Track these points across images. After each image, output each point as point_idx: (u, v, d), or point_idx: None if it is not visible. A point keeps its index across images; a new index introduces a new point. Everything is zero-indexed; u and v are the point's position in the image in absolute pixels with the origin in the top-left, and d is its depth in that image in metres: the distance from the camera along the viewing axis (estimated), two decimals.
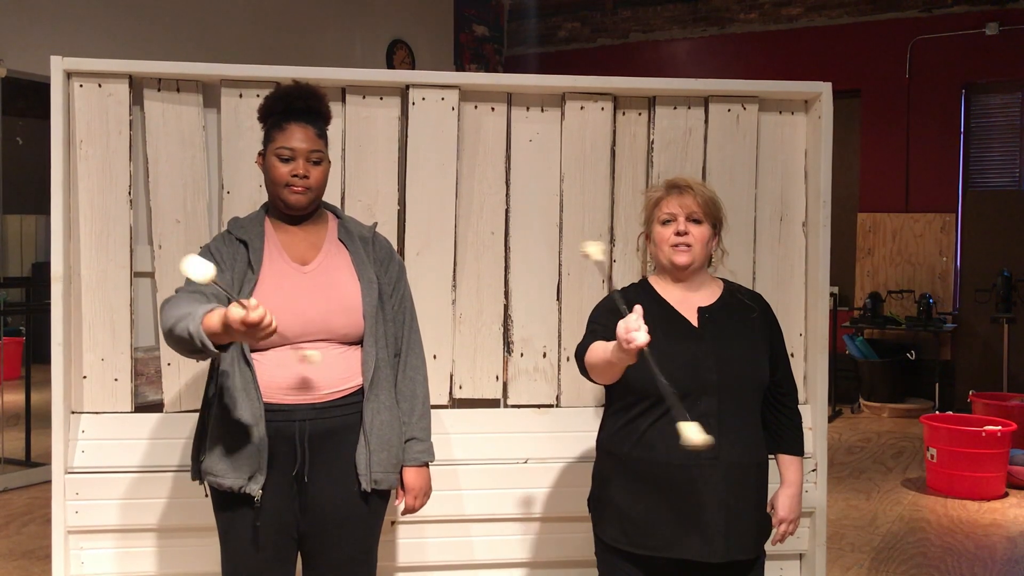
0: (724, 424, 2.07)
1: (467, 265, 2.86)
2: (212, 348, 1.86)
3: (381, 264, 2.24)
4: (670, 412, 2.06)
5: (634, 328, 1.77)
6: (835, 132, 2.90)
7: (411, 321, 2.30)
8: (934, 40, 7.93)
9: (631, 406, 2.12)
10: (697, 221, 2.15)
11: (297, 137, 2.13)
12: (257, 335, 1.80)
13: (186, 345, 1.90)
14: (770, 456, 2.25)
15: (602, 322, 2.13)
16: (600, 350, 2.00)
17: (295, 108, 2.15)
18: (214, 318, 1.84)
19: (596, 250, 1.97)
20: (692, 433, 1.80)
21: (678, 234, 2.14)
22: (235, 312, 1.76)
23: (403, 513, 2.27)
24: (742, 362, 2.13)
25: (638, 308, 1.81)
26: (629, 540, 2.11)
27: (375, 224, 2.36)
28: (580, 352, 2.12)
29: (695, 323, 2.15)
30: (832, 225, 2.89)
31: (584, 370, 2.11)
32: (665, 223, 2.16)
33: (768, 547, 2.22)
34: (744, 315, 2.20)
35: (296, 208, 2.16)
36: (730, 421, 2.09)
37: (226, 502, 2.13)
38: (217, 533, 2.19)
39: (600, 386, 2.63)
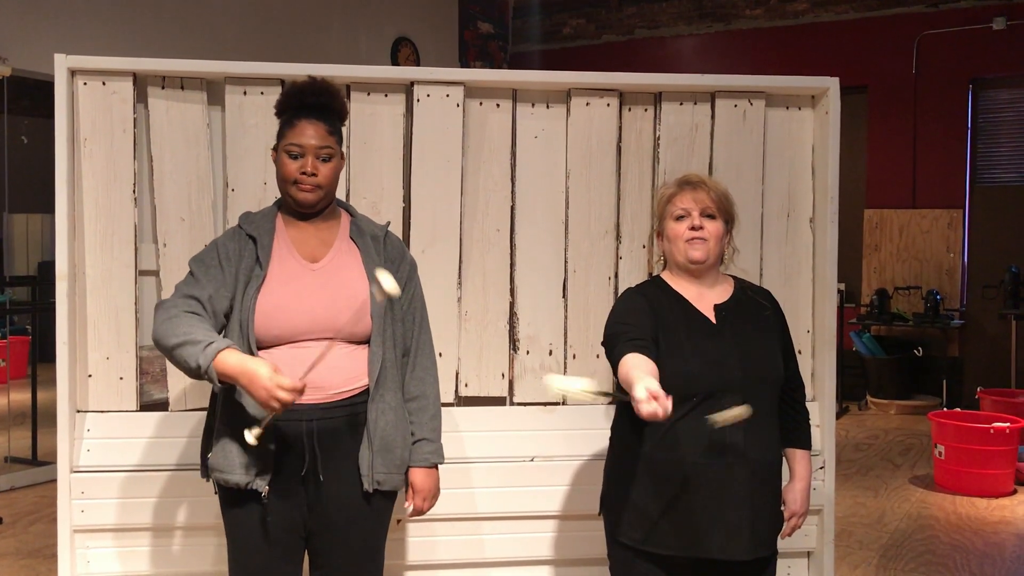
0: (749, 423, 2.06)
1: (473, 262, 2.85)
2: (219, 385, 1.96)
3: (392, 263, 2.23)
4: (693, 411, 2.05)
5: (655, 409, 1.75)
6: (841, 128, 2.88)
7: (422, 321, 2.28)
8: (941, 35, 7.90)
9: None
10: (711, 216, 2.15)
11: (307, 134, 2.12)
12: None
13: (187, 371, 1.99)
14: None
15: (630, 321, 2.10)
16: (632, 372, 1.92)
17: (308, 104, 2.14)
18: (231, 363, 1.93)
19: (573, 386, 1.83)
20: (731, 415, 1.86)
21: (693, 228, 2.13)
22: (270, 386, 1.88)
23: (411, 515, 2.25)
24: (762, 359, 2.13)
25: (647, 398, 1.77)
26: (649, 539, 2.10)
27: (388, 223, 2.35)
28: (614, 355, 2.05)
29: (713, 320, 2.14)
30: (839, 221, 2.88)
31: (615, 373, 2.07)
32: (679, 219, 2.15)
33: (778, 542, 2.22)
34: (758, 312, 2.20)
35: (305, 205, 2.15)
36: (754, 419, 2.07)
37: (233, 499, 2.12)
38: (224, 531, 2.19)
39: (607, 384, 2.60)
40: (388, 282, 1.98)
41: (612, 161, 2.87)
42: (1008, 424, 5.17)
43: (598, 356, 2.74)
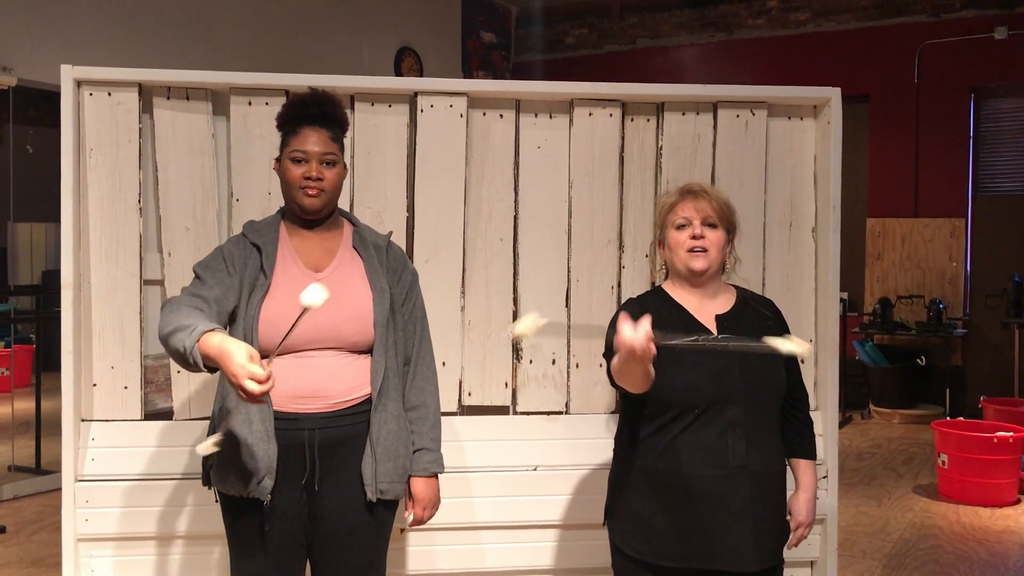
0: (750, 433, 2.06)
1: (476, 272, 2.86)
2: (204, 369, 1.88)
3: (394, 273, 2.24)
4: (694, 423, 2.05)
5: (634, 340, 1.78)
6: (844, 137, 2.89)
7: (423, 331, 2.30)
8: (943, 45, 7.92)
9: (657, 416, 2.10)
10: (712, 225, 2.14)
11: (311, 140, 2.14)
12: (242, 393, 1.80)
13: (178, 357, 1.92)
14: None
15: None
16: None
17: (309, 113, 2.17)
18: (212, 344, 1.84)
19: (528, 326, 1.86)
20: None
21: (694, 238, 2.13)
22: (239, 370, 1.77)
23: (411, 525, 2.26)
24: (764, 370, 2.12)
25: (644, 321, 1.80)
26: (654, 552, 2.10)
27: (390, 233, 2.36)
28: (609, 368, 2.09)
29: (714, 331, 2.14)
30: (841, 230, 2.88)
31: (614, 383, 2.08)
32: (680, 228, 2.15)
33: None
34: (760, 322, 2.18)
35: (310, 211, 2.17)
36: (756, 429, 2.08)
37: (235, 508, 2.13)
38: (226, 540, 2.19)
39: (611, 392, 2.62)
40: (311, 296, 1.88)
41: (615, 171, 2.88)
42: (1012, 433, 5.16)
43: (601, 365, 2.75)
